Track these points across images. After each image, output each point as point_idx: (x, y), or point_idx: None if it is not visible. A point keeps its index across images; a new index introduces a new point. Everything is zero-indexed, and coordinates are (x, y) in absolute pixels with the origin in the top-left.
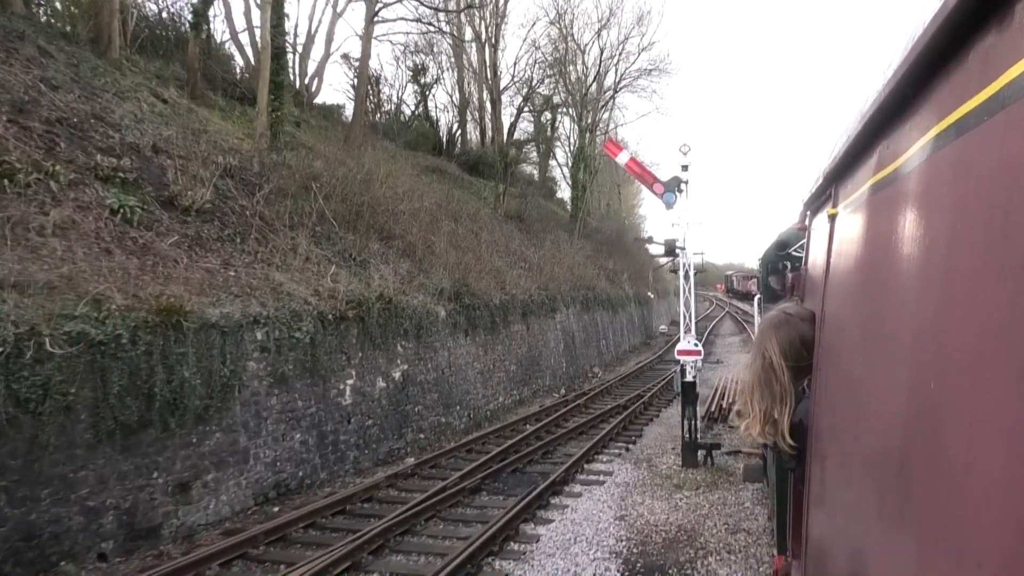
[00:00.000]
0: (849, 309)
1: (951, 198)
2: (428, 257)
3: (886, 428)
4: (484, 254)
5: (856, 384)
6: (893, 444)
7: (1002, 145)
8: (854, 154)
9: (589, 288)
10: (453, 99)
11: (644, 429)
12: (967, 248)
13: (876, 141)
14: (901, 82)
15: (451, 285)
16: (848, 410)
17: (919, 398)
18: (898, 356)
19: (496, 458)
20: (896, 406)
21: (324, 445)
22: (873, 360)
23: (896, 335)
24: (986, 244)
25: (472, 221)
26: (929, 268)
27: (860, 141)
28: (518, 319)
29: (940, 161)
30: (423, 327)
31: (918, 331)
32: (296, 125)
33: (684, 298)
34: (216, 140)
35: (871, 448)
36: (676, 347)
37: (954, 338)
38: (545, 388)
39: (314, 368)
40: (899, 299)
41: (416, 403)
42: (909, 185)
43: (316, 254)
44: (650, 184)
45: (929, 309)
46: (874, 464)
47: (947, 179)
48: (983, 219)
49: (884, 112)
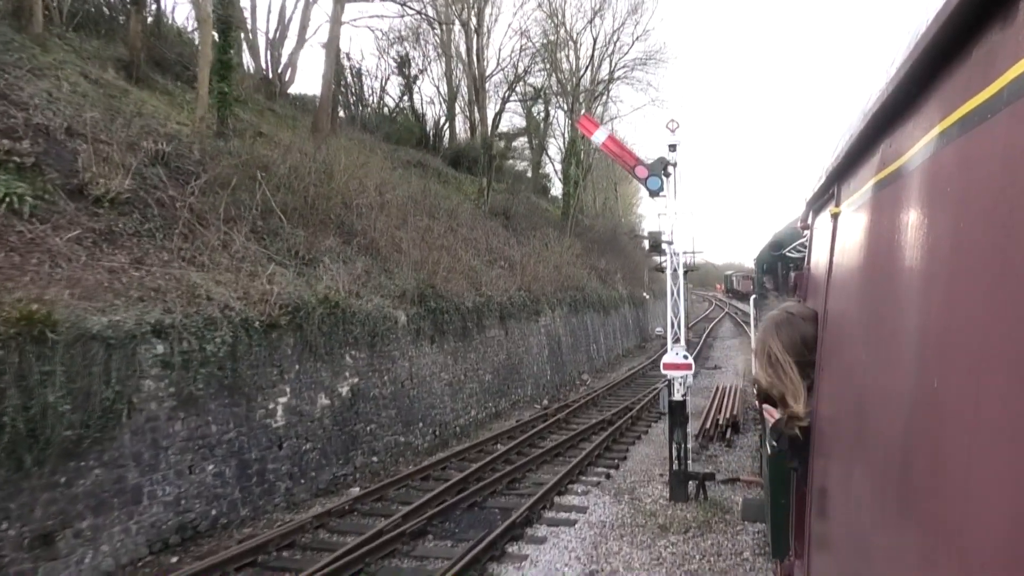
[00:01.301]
0: (852, 308)
1: (954, 196)
2: (394, 256)
3: (889, 427)
4: (461, 252)
5: (859, 383)
6: (896, 443)
7: (1006, 143)
8: (857, 152)
9: (578, 289)
10: (441, 91)
11: (630, 449)
12: (970, 246)
13: (879, 139)
14: (904, 80)
15: (415, 287)
16: (851, 409)
17: (922, 397)
18: (901, 355)
19: (454, 488)
20: (899, 405)
21: (246, 476)
22: (876, 359)
23: (899, 334)
24: (990, 242)
25: (450, 217)
26: (932, 267)
27: (863, 139)
28: (495, 323)
29: (943, 159)
30: (379, 334)
31: (921, 330)
32: (259, 113)
33: (672, 301)
34: (151, 124)
35: (874, 447)
36: (662, 360)
37: (957, 337)
38: (526, 399)
39: (235, 385)
40: (902, 298)
41: (368, 421)
42: (912, 183)
43: (254, 252)
44: (631, 166)
45: (932, 308)
46: (877, 462)
47: (950, 177)
48: (987, 217)
49: (887, 110)
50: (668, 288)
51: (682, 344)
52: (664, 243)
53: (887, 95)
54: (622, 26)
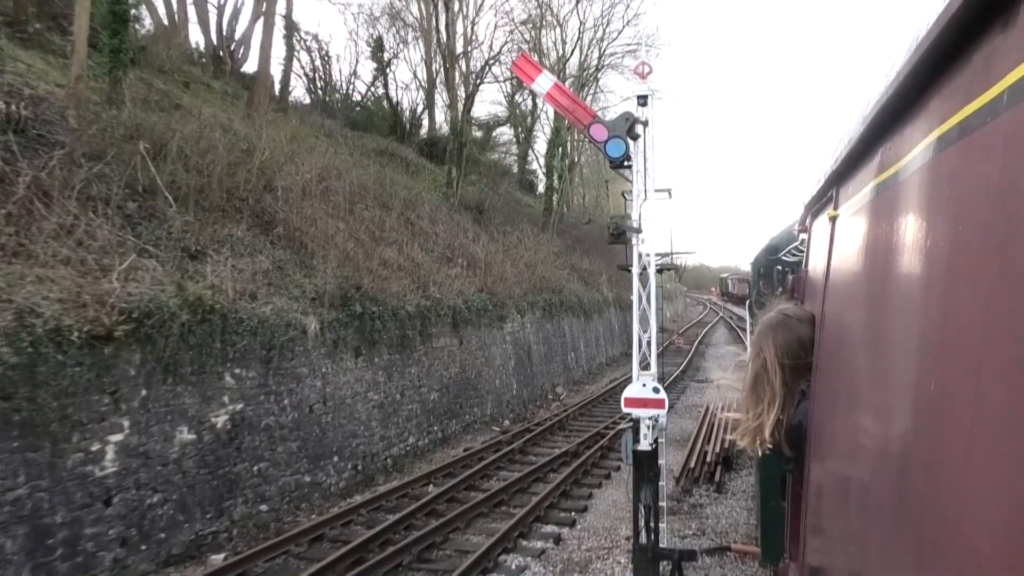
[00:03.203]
0: (850, 311)
1: (953, 200)
2: (323, 249)
3: (886, 429)
4: (409, 248)
5: (856, 386)
6: (893, 445)
7: (1005, 147)
8: (856, 156)
9: (555, 291)
10: (419, 77)
11: (594, 494)
12: (969, 250)
13: (878, 143)
14: (903, 84)
15: (336, 286)
16: (848, 412)
17: (920, 400)
18: (899, 358)
19: (345, 559)
20: (896, 407)
21: (45, 548)
22: (874, 362)
23: (897, 337)
24: (988, 246)
25: (408, 209)
26: (930, 270)
27: (862, 143)
28: (446, 331)
29: (942, 163)
30: (277, 347)
31: (919, 333)
32: (187, 86)
33: (640, 310)
34: (16, 84)
35: (871, 449)
36: (624, 393)
37: (955, 340)
38: (483, 420)
39: (30, 422)
40: (900, 301)
41: (257, 459)
42: (911, 187)
43: (112, 239)
44: (585, 125)
45: (930, 311)
46: (874, 465)
47: (949, 181)
48: (985, 221)
49: (886, 114)
50: (635, 292)
51: (653, 372)
52: (629, 232)
53: (886, 99)
54: (612, 8)
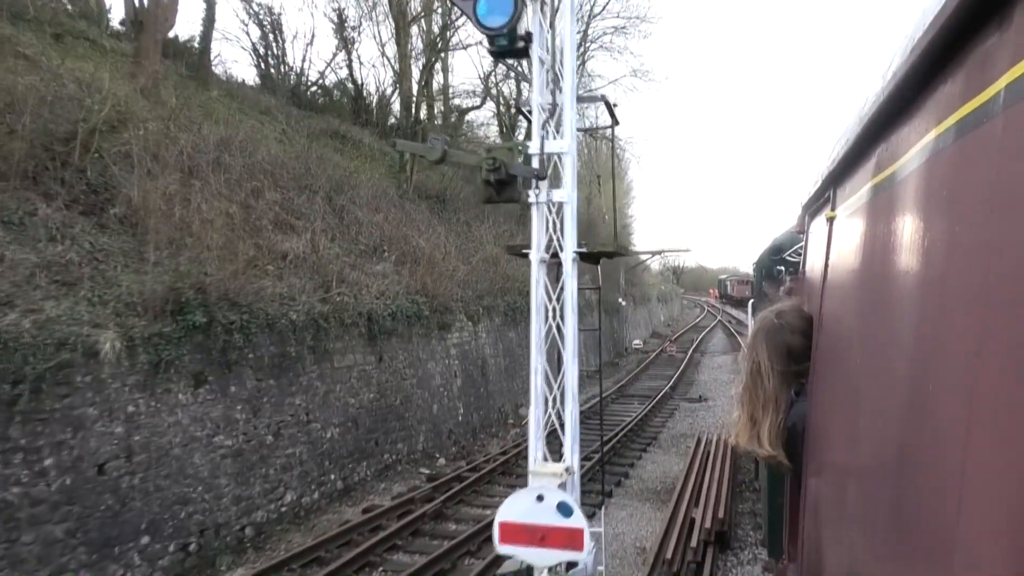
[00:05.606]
0: (847, 312)
1: (950, 201)
2: (179, 236)
3: (884, 430)
4: (319, 237)
5: (854, 386)
6: (890, 446)
7: (1001, 147)
8: (853, 157)
9: (522, 292)
10: (387, 56)
11: None
12: (965, 251)
13: (875, 144)
14: (900, 84)
15: (168, 285)
16: (846, 412)
17: (917, 400)
18: (896, 359)
19: None
20: (894, 408)
21: None
22: (871, 363)
23: (894, 338)
24: (985, 246)
25: (338, 192)
26: (928, 271)
27: (859, 144)
28: (356, 345)
29: (939, 164)
30: (31, 378)
31: (916, 333)
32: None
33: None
34: None
35: (868, 450)
36: (499, 512)
37: (952, 341)
38: (413, 457)
39: None
40: (897, 302)
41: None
42: (908, 188)
43: None
44: None
45: (927, 312)
46: (871, 466)
47: (946, 182)
48: (982, 222)
49: (883, 115)
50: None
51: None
52: (524, 178)
53: (883, 99)
54: None
